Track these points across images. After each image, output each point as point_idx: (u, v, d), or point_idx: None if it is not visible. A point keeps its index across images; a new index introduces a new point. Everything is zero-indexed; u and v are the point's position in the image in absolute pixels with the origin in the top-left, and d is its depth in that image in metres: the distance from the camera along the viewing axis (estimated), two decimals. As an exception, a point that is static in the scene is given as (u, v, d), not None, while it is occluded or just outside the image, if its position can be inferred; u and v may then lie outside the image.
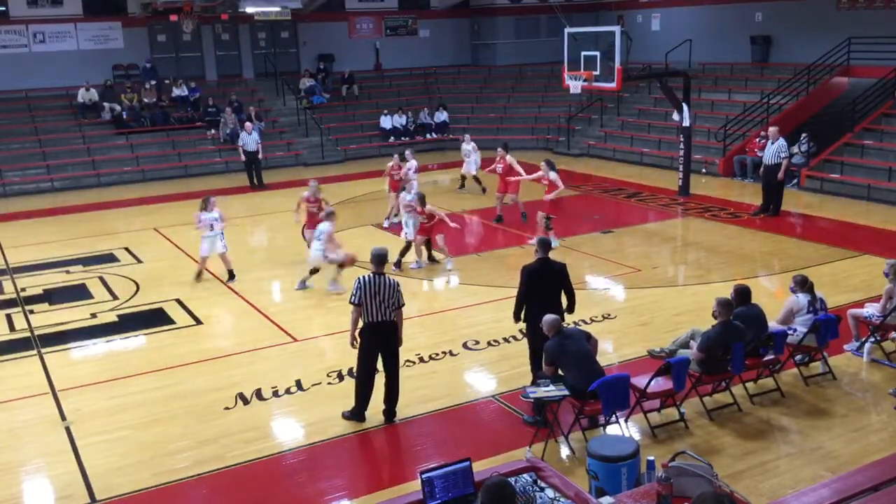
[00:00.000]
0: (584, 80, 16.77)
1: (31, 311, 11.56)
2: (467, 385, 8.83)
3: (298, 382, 8.83)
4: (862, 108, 18.67)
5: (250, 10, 23.33)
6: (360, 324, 7.81)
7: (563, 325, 7.48)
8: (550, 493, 4.84)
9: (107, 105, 23.16)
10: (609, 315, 10.63)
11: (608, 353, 9.24)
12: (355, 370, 8.01)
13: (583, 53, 16.77)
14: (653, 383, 7.42)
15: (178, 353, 9.85)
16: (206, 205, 12.33)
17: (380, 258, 7.87)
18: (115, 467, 7.24)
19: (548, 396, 7.00)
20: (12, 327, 11.00)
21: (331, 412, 8.08)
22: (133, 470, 7.18)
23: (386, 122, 25.00)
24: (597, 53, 16.55)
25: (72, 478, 7.11)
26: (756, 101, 20.47)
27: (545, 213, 13.60)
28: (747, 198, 17.24)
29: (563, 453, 7.20)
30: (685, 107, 17.16)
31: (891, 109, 18.50)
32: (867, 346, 9.00)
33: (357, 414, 7.90)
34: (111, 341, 10.43)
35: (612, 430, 7.40)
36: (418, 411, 8.10)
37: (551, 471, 5.06)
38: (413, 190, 13.55)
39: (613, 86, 16.92)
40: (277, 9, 23.56)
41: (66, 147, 22.12)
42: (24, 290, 12.57)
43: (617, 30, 16.50)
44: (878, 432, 7.44)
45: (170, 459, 7.34)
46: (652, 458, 5.45)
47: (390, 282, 7.72)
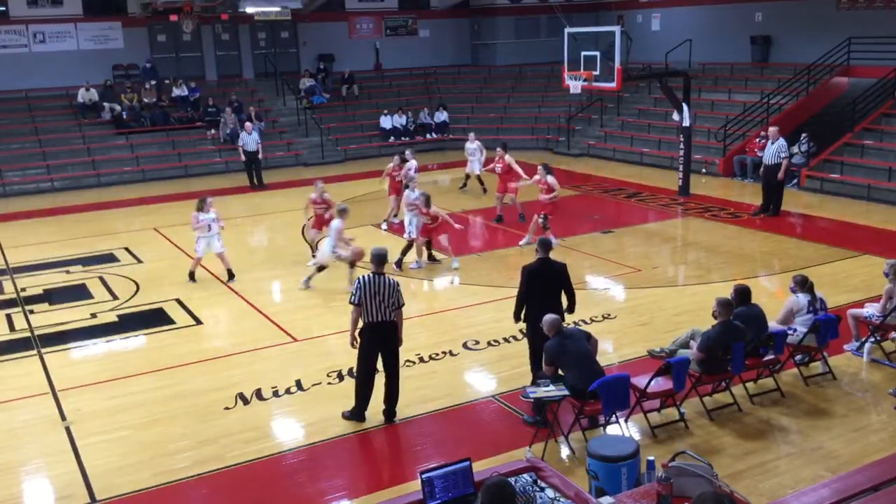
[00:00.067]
0: (584, 80, 16.77)
1: (31, 311, 11.56)
2: (467, 385, 8.84)
3: (298, 382, 8.83)
4: (862, 108, 18.66)
5: (250, 10, 23.33)
6: (360, 324, 7.81)
7: (564, 326, 7.49)
8: (550, 493, 4.84)
9: (107, 105, 23.16)
10: (609, 315, 10.63)
11: (608, 353, 9.24)
12: (355, 370, 8.02)
13: (583, 53, 16.78)
14: (653, 383, 7.42)
15: (178, 353, 9.85)
16: (203, 205, 12.30)
17: (379, 258, 7.88)
18: (115, 467, 7.24)
19: (548, 396, 7.00)
20: (12, 327, 11.00)
21: (331, 412, 8.08)
22: (133, 470, 7.18)
23: (386, 122, 24.99)
24: (597, 53, 16.55)
25: (72, 478, 7.11)
26: (756, 101, 20.46)
27: (543, 213, 13.60)
28: (747, 198, 17.24)
29: (563, 453, 7.20)
30: (685, 107, 17.16)
31: (891, 109, 18.50)
32: (867, 346, 9.00)
33: (357, 414, 7.91)
34: (111, 341, 10.43)
35: (612, 430, 7.40)
36: (418, 411, 8.10)
37: (551, 471, 5.06)
38: (416, 188, 13.53)
39: (613, 86, 16.93)
40: (277, 9, 23.55)
41: (66, 147, 22.12)
42: (24, 290, 12.57)
43: (617, 30, 16.51)
44: (878, 432, 7.44)
45: (170, 459, 7.34)
46: (652, 458, 5.45)
47: (390, 282, 7.72)
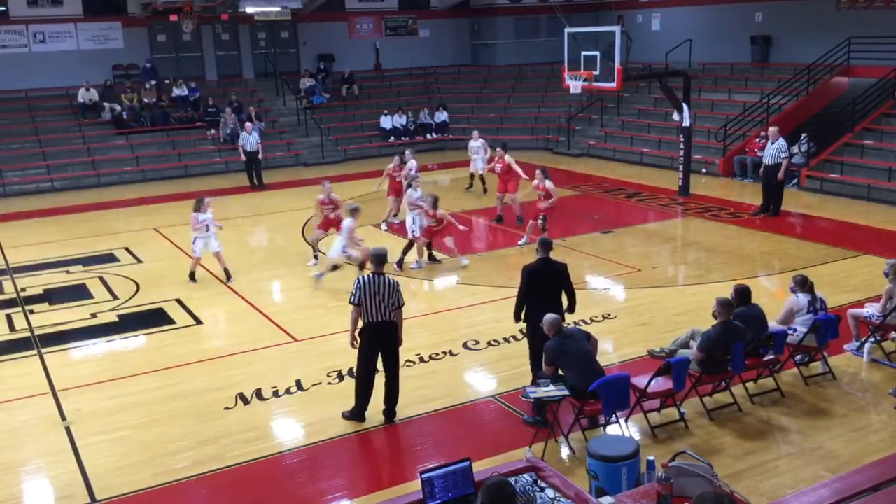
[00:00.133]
0: (584, 80, 16.78)
1: (31, 311, 11.56)
2: (467, 385, 8.83)
3: (298, 382, 8.83)
4: (862, 108, 18.66)
5: (250, 10, 23.33)
6: (360, 324, 7.81)
7: (564, 326, 7.48)
8: (550, 493, 4.84)
9: (107, 105, 23.16)
10: (609, 315, 10.63)
11: (608, 353, 9.24)
12: (355, 370, 8.01)
13: (583, 53, 16.78)
14: (653, 383, 7.42)
15: (178, 353, 9.85)
16: (201, 205, 12.29)
17: (379, 258, 7.88)
18: (115, 467, 7.24)
19: (548, 396, 7.00)
20: (12, 327, 11.00)
21: (331, 412, 8.08)
22: (133, 470, 7.18)
23: (386, 122, 24.99)
24: (597, 53, 16.55)
25: (72, 478, 7.11)
26: (756, 101, 20.46)
27: (543, 214, 13.59)
28: (747, 198, 17.23)
29: (563, 453, 7.20)
30: (685, 107, 17.16)
31: (891, 109, 18.50)
32: (867, 346, 9.00)
33: (357, 414, 7.91)
34: (111, 341, 10.43)
35: (612, 430, 7.40)
36: (418, 411, 8.10)
37: (551, 471, 5.06)
38: (419, 188, 13.49)
39: (613, 86, 16.93)
40: (277, 9, 23.56)
41: (66, 147, 22.12)
42: (24, 290, 12.57)
43: (617, 30, 16.51)
44: (878, 432, 7.44)
45: (170, 459, 7.34)
46: (652, 458, 5.45)
47: (390, 282, 7.72)
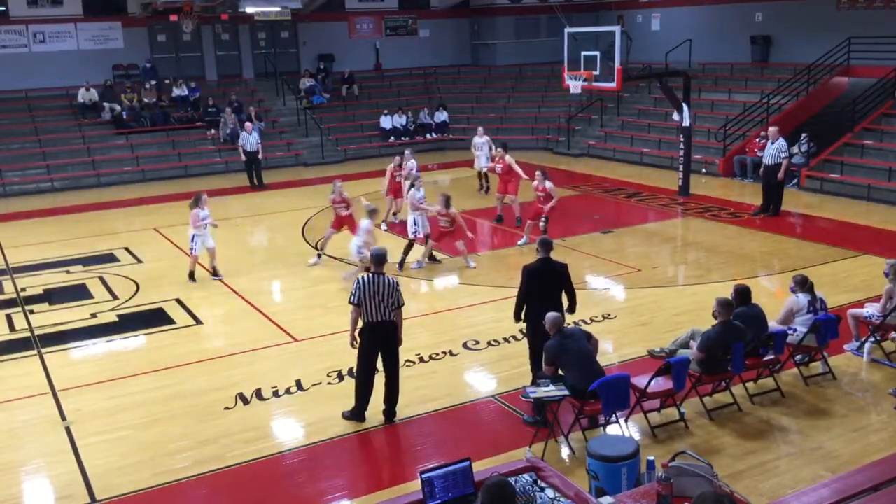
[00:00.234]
0: (584, 80, 16.77)
1: (31, 311, 11.56)
2: (467, 385, 8.83)
3: (298, 382, 8.83)
4: (862, 108, 18.66)
5: (250, 10, 23.33)
6: (360, 324, 7.81)
7: (565, 325, 7.48)
8: (550, 493, 4.84)
9: (107, 105, 23.15)
10: (609, 315, 10.63)
11: (608, 353, 9.23)
12: (355, 370, 8.01)
13: (583, 53, 16.78)
14: (653, 383, 7.42)
15: (178, 353, 9.85)
16: (200, 202, 12.30)
17: (379, 258, 7.87)
18: (115, 467, 7.24)
19: (548, 396, 7.00)
20: (12, 327, 11.00)
21: (331, 412, 8.08)
22: (133, 470, 7.18)
23: (386, 122, 24.99)
24: (597, 53, 16.55)
25: (72, 478, 7.11)
26: (756, 101, 20.46)
27: (542, 215, 13.58)
28: (747, 198, 17.23)
29: (563, 453, 7.19)
30: (685, 107, 17.16)
31: (891, 109, 18.50)
32: (867, 346, 9.00)
33: (357, 414, 7.90)
34: (111, 341, 10.43)
35: (612, 430, 7.40)
36: (418, 411, 8.10)
37: (551, 471, 5.06)
38: (422, 187, 13.46)
39: (613, 86, 16.93)
40: (277, 9, 23.55)
41: (66, 147, 22.11)
42: (24, 290, 12.57)
43: (617, 30, 16.50)
44: (878, 432, 7.43)
45: (170, 459, 7.34)
46: (652, 458, 5.45)
47: (390, 281, 7.71)
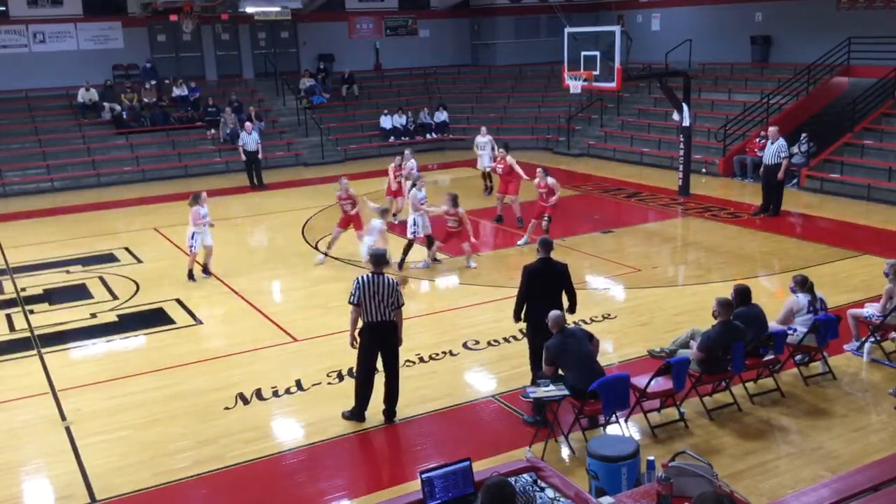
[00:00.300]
0: (584, 80, 16.78)
1: (31, 311, 11.56)
2: (467, 385, 8.83)
3: (298, 382, 8.83)
4: (862, 108, 18.66)
5: (250, 10, 23.33)
6: (360, 323, 7.81)
7: (565, 325, 7.48)
8: (550, 493, 4.84)
9: (107, 105, 23.15)
10: (609, 315, 10.63)
11: (608, 353, 9.23)
12: (355, 370, 8.01)
13: (583, 53, 16.78)
14: (653, 383, 7.41)
15: (178, 353, 9.85)
16: (199, 200, 12.31)
17: (378, 258, 7.87)
18: (115, 467, 7.24)
19: (548, 396, 7.00)
20: (12, 327, 11.00)
21: (331, 412, 8.08)
22: (133, 470, 7.18)
23: (386, 122, 24.99)
24: (597, 53, 16.55)
25: (72, 478, 7.11)
26: (756, 101, 20.46)
27: (547, 214, 13.59)
28: (747, 198, 17.23)
29: (563, 453, 7.19)
30: (685, 107, 17.16)
31: (891, 109, 18.50)
32: (867, 346, 9.00)
33: (357, 414, 7.90)
34: (111, 341, 10.43)
35: (612, 430, 7.40)
36: (418, 411, 8.10)
37: (551, 471, 5.06)
38: (423, 187, 13.45)
39: (613, 86, 16.94)
40: (277, 9, 23.56)
41: (66, 147, 22.11)
42: (24, 290, 12.56)
43: (617, 30, 16.50)
44: (878, 432, 7.43)
45: (170, 459, 7.34)
46: (652, 458, 5.45)
47: (389, 281, 7.71)
